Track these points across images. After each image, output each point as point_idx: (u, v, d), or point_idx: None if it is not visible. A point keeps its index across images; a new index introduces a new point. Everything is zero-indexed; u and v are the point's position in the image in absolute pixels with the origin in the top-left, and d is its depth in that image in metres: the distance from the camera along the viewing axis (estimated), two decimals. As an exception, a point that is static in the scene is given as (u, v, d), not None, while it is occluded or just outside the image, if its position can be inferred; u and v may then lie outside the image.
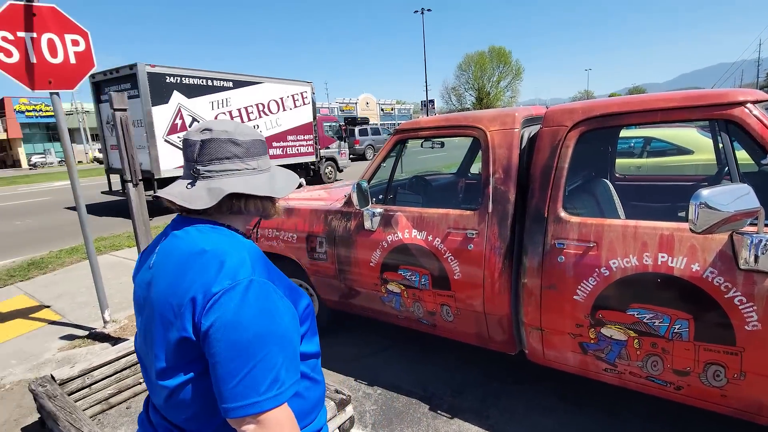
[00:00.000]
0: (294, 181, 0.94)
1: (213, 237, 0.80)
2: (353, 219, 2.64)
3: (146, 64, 7.86)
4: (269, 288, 0.75)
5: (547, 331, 1.97)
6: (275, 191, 0.87)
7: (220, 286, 0.71)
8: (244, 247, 0.80)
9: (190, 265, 0.75)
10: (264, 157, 0.89)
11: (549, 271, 1.89)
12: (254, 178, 0.85)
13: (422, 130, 2.52)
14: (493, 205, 2.11)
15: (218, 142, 0.82)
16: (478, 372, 2.56)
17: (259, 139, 0.88)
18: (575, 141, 1.92)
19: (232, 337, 0.68)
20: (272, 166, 0.93)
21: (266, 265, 0.81)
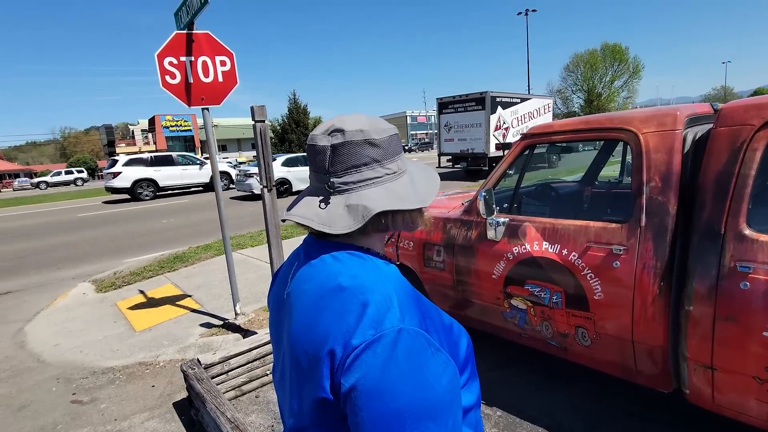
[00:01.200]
0: (434, 179, 0.75)
1: (353, 268, 0.64)
2: (474, 228, 2.53)
3: (489, 92, 14.27)
4: (422, 340, 0.58)
5: (720, 371, 1.64)
6: (423, 199, 0.69)
7: (362, 337, 0.56)
8: (389, 280, 0.63)
9: (326, 305, 0.62)
10: (401, 155, 0.71)
11: (726, 299, 1.58)
12: (396, 184, 0.68)
13: (556, 134, 2.32)
14: (647, 218, 1.84)
15: (353, 145, 0.65)
16: (615, 405, 2.26)
17: (394, 133, 0.71)
18: (765, 144, 1.58)
19: (377, 407, 0.54)
20: (408, 165, 0.74)
21: (417, 302, 0.63)
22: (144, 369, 3.10)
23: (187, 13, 3.16)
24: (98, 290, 5.02)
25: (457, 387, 0.60)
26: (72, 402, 2.77)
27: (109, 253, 7.15)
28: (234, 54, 3.35)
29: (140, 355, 3.28)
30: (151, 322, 3.88)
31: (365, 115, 0.71)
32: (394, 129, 0.71)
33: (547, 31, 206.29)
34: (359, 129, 0.66)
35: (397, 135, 0.72)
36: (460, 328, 0.70)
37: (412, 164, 0.77)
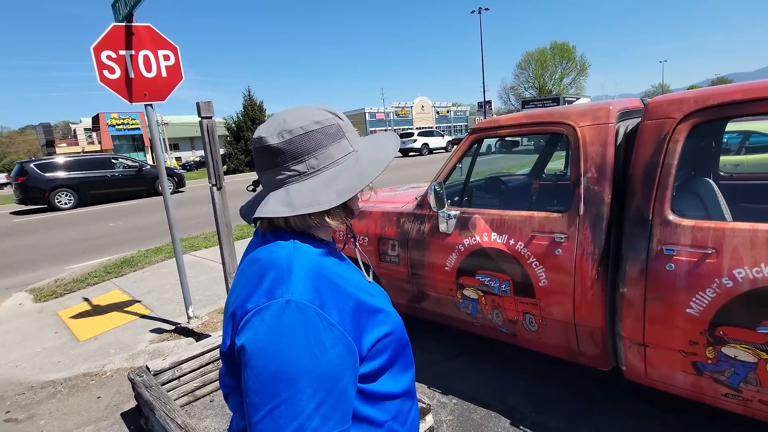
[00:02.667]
0: (371, 172, 0.71)
1: (272, 246, 0.69)
2: (427, 221, 2.58)
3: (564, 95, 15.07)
4: (311, 313, 0.60)
5: (651, 347, 1.77)
6: (320, 201, 0.67)
7: (255, 303, 0.62)
8: (298, 258, 0.66)
9: (243, 274, 0.70)
10: (325, 149, 0.69)
11: (654, 280, 1.70)
12: (301, 185, 0.68)
13: (501, 128, 2.40)
14: (585, 207, 1.94)
15: (257, 152, 0.71)
16: (562, 387, 2.38)
17: (313, 129, 0.68)
18: (685, 135, 1.71)
19: (257, 366, 0.58)
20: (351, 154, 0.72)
21: (328, 284, 0.66)
22: (89, 380, 2.94)
23: (125, 4, 2.99)
24: (37, 300, 4.69)
25: (346, 364, 0.61)
26: (5, 421, 2.57)
27: (49, 260, 6.68)
28: (178, 48, 3.21)
29: (84, 366, 3.10)
30: (96, 331, 3.67)
31: (293, 108, 0.72)
32: (314, 124, 0.69)
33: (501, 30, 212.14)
34: (258, 136, 0.70)
35: (323, 127, 0.69)
36: (390, 318, 0.72)
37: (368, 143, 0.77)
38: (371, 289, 0.75)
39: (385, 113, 70.25)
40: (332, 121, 0.71)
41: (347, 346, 0.62)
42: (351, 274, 0.73)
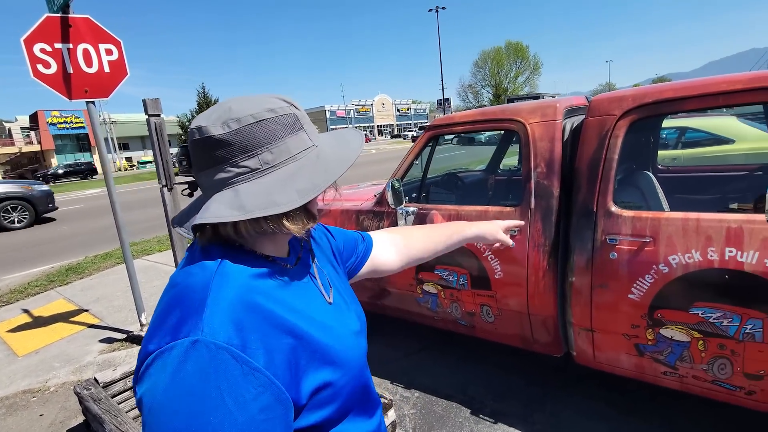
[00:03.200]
0: (337, 169, 0.61)
1: (197, 267, 0.57)
2: (386, 218, 2.59)
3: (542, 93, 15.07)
4: (225, 356, 0.48)
5: (598, 332, 1.87)
6: (277, 202, 0.56)
7: (158, 344, 0.50)
8: (225, 285, 0.54)
9: (158, 304, 0.57)
10: (281, 142, 0.59)
11: (600, 269, 1.79)
12: (253, 185, 0.57)
13: (456, 125, 2.45)
14: (536, 201, 2.02)
15: (195, 145, 0.58)
16: (519, 375, 2.47)
17: (266, 118, 0.58)
18: (625, 130, 1.81)
19: (156, 423, 0.46)
20: (311, 149, 0.62)
21: (257, 317, 0.54)
22: (29, 397, 2.74)
23: (60, -7, 2.79)
24: (-32, 314, 4.32)
25: (273, 419, 0.49)
26: (-66, 447, 2.36)
27: (-18, 270, 6.17)
28: (122, 42, 3.04)
29: (24, 383, 2.89)
30: (38, 344, 3.42)
31: (241, 96, 0.61)
32: (267, 112, 0.58)
33: (459, 28, 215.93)
34: (197, 126, 0.58)
35: (277, 117, 0.59)
36: (342, 356, 0.61)
37: (330, 139, 0.67)
38: (327, 319, 0.63)
39: (345, 110, 69.92)
40: (288, 110, 0.60)
41: (275, 395, 0.50)
42: (300, 299, 0.62)
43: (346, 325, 0.67)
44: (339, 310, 0.69)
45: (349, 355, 0.63)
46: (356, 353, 0.64)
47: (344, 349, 0.62)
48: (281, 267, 0.63)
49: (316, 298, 0.66)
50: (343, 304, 0.72)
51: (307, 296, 0.64)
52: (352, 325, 0.69)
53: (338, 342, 0.62)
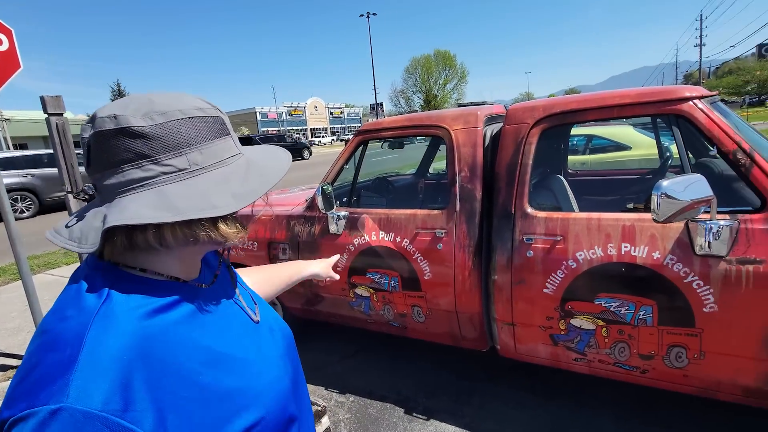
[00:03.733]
0: (272, 176, 0.59)
1: (72, 305, 0.48)
2: (317, 223, 2.56)
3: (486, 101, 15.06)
4: (96, 427, 0.40)
5: (518, 326, 2.00)
6: (215, 205, 0.51)
7: (11, 411, 0.41)
8: (109, 330, 0.45)
9: (26, 350, 0.48)
10: (210, 144, 0.54)
11: (518, 267, 1.92)
12: (181, 186, 0.51)
13: (385, 130, 2.49)
14: (460, 204, 2.12)
15: (105, 137, 0.49)
16: (450, 371, 2.56)
17: (192, 116, 0.53)
18: (537, 138, 1.97)
19: None
20: (238, 156, 0.58)
21: (152, 367, 0.46)
22: None
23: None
24: None
25: None
26: None
27: None
28: (12, 31, 2.70)
29: None
30: None
31: (162, 93, 0.54)
32: (196, 110, 0.54)
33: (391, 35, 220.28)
34: (111, 114, 0.50)
35: (204, 118, 0.54)
36: (263, 395, 0.56)
37: (255, 151, 0.63)
38: (248, 348, 0.58)
39: (277, 113, 68.15)
40: (216, 113, 0.56)
41: None
42: (215, 329, 0.55)
43: (272, 348, 0.63)
44: (266, 329, 0.65)
45: (273, 391, 0.58)
46: (281, 387, 0.60)
47: (267, 385, 0.57)
48: (193, 288, 0.57)
49: (238, 320, 0.61)
50: (271, 320, 0.68)
51: (226, 321, 0.59)
52: (279, 346, 0.65)
53: (260, 378, 0.57)
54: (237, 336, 0.58)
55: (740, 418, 1.94)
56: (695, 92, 1.68)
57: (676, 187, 1.40)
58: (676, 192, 1.39)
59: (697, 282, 1.55)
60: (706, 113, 1.62)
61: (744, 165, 1.55)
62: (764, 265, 1.46)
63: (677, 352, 1.65)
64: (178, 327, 0.51)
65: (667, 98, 1.70)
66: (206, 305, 0.57)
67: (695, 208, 1.42)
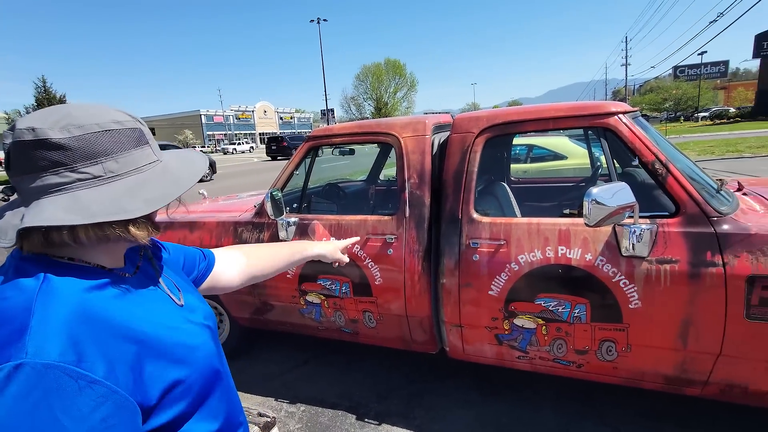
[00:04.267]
0: (185, 181, 0.65)
1: (10, 287, 0.54)
2: (266, 230, 2.51)
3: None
4: (57, 374, 0.48)
5: (465, 327, 2.07)
6: (125, 209, 0.57)
7: None
8: (53, 301, 0.53)
9: None
10: (127, 153, 0.60)
11: (465, 270, 1.99)
12: (95, 191, 0.57)
13: (335, 136, 2.50)
14: (410, 210, 2.16)
15: (23, 146, 0.55)
16: (401, 375, 2.59)
17: (109, 128, 0.58)
18: (482, 146, 2.06)
19: None
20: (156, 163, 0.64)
21: (95, 328, 0.54)
22: None
23: None
24: None
25: (117, 426, 0.51)
26: None
27: None
28: None
29: None
30: None
31: (80, 104, 0.60)
32: (114, 123, 0.59)
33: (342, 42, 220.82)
34: (29, 127, 0.55)
35: (121, 130, 0.60)
36: (192, 355, 0.64)
37: (173, 157, 0.69)
38: (175, 321, 0.66)
39: (224, 116, 65.82)
40: (134, 125, 0.62)
41: (118, 403, 0.51)
42: (143, 306, 0.63)
43: (196, 323, 0.71)
44: (191, 310, 0.73)
45: (198, 354, 0.65)
46: (204, 351, 0.67)
47: (193, 348, 0.65)
48: (119, 276, 0.64)
49: (164, 303, 0.68)
50: (196, 304, 0.76)
51: (153, 302, 0.66)
52: (201, 321, 0.73)
53: (187, 342, 0.65)
54: (165, 312, 0.67)
55: (660, 403, 2.13)
56: (620, 108, 1.84)
57: (604, 194, 1.53)
58: (604, 199, 1.52)
59: (623, 281, 1.69)
60: (629, 127, 1.79)
61: (661, 174, 1.72)
62: (679, 264, 1.62)
63: (608, 346, 1.79)
64: (113, 300, 0.59)
65: (596, 113, 1.85)
66: (133, 289, 0.64)
67: (621, 213, 1.55)
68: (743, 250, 1.55)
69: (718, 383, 1.68)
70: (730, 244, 1.58)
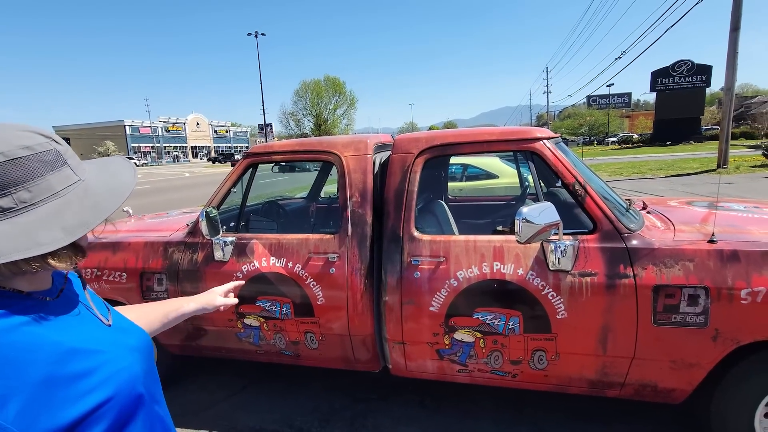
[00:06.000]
0: (108, 204, 0.61)
1: None
2: (200, 250, 2.39)
3: None
4: None
5: (408, 344, 2.10)
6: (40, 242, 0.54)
7: None
8: None
9: None
10: (41, 179, 0.57)
11: (407, 287, 2.03)
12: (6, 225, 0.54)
13: (275, 154, 2.46)
14: (352, 228, 2.18)
15: None
16: (344, 395, 2.55)
17: (21, 156, 0.55)
18: (421, 167, 2.14)
19: None
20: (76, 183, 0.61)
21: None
22: None
23: None
24: None
25: None
26: None
27: None
28: None
29: None
30: None
31: None
32: (22, 150, 0.55)
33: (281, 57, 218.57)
34: None
35: (33, 156, 0.56)
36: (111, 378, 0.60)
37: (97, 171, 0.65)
38: (100, 342, 0.63)
39: (151, 127, 61.83)
40: (48, 146, 0.58)
41: None
42: (63, 330, 0.60)
43: (126, 344, 0.68)
44: (123, 331, 0.70)
45: (120, 377, 0.62)
46: (127, 375, 0.63)
47: (115, 370, 0.61)
48: (39, 301, 0.61)
49: (90, 323, 0.66)
50: (124, 325, 0.73)
51: (76, 325, 0.63)
52: (131, 343, 0.69)
53: (109, 365, 0.61)
54: (88, 333, 0.63)
55: (584, 405, 2.30)
56: (545, 134, 2.01)
57: (533, 213, 1.66)
58: (533, 217, 1.64)
59: (551, 293, 1.82)
60: (552, 151, 1.96)
61: (580, 195, 1.90)
62: (597, 276, 1.79)
63: (539, 356, 1.91)
64: (26, 326, 0.56)
65: (523, 137, 2.01)
66: (53, 313, 0.61)
67: (547, 231, 1.69)
68: (649, 263, 1.75)
69: (633, 384, 1.85)
70: (638, 257, 1.77)
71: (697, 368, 1.74)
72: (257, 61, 36.63)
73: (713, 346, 1.69)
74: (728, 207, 2.44)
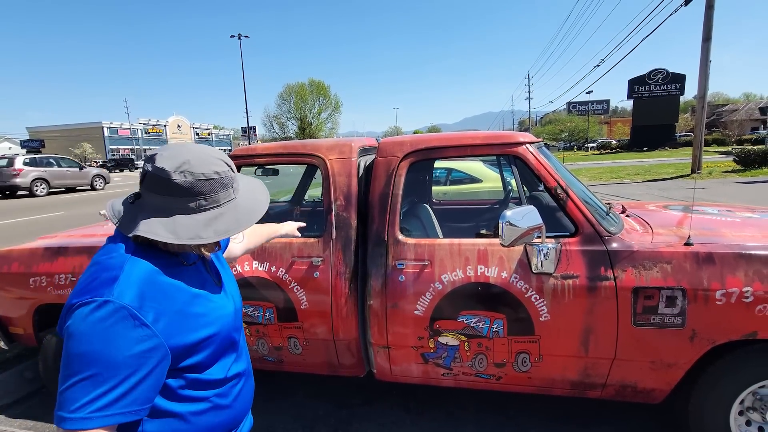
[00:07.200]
0: (245, 222, 0.88)
1: (112, 251, 0.82)
2: (181, 255, 2.33)
3: None
4: (124, 313, 0.75)
5: (393, 348, 2.09)
6: (201, 236, 0.82)
7: (80, 298, 0.76)
8: (134, 268, 0.80)
9: (84, 272, 0.82)
10: (215, 194, 0.84)
11: (392, 291, 2.03)
12: (187, 219, 0.82)
13: (258, 156, 2.43)
14: (336, 232, 2.16)
15: (154, 177, 0.81)
16: (328, 402, 2.53)
17: (212, 178, 0.83)
18: (406, 170, 2.14)
19: (68, 346, 0.74)
20: (232, 200, 0.88)
21: (154, 290, 0.80)
22: None
23: None
24: None
25: (149, 358, 0.76)
26: None
27: None
28: None
29: None
30: None
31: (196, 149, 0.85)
32: (215, 173, 0.84)
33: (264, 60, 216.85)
34: (161, 167, 0.81)
35: (220, 176, 0.85)
36: (214, 322, 0.89)
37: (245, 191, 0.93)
38: (212, 296, 0.92)
39: (131, 129, 60.45)
40: (227, 174, 0.86)
41: (154, 344, 0.77)
42: (191, 283, 0.88)
43: (226, 301, 0.98)
44: (224, 293, 0.99)
45: (223, 321, 0.92)
46: (227, 320, 0.94)
47: (219, 316, 0.91)
48: (180, 263, 0.89)
49: (209, 284, 0.94)
50: (231, 290, 1.03)
51: (201, 282, 0.91)
52: (229, 303, 0.99)
53: (216, 311, 0.91)
54: (207, 289, 0.93)
55: (566, 407, 2.32)
56: (527, 138, 2.04)
57: (516, 217, 1.67)
58: (516, 220, 1.66)
59: (534, 296, 1.84)
60: (534, 156, 1.99)
61: (562, 199, 1.92)
62: (579, 279, 1.81)
63: (523, 358, 1.92)
64: (173, 275, 0.85)
65: (506, 142, 2.03)
66: (189, 272, 0.90)
67: (530, 234, 1.70)
68: (629, 265, 1.78)
69: (614, 385, 1.88)
70: (618, 260, 1.80)
71: (675, 368, 1.78)
72: (240, 63, 36.28)
73: (690, 346, 1.73)
74: (703, 210, 2.51)
